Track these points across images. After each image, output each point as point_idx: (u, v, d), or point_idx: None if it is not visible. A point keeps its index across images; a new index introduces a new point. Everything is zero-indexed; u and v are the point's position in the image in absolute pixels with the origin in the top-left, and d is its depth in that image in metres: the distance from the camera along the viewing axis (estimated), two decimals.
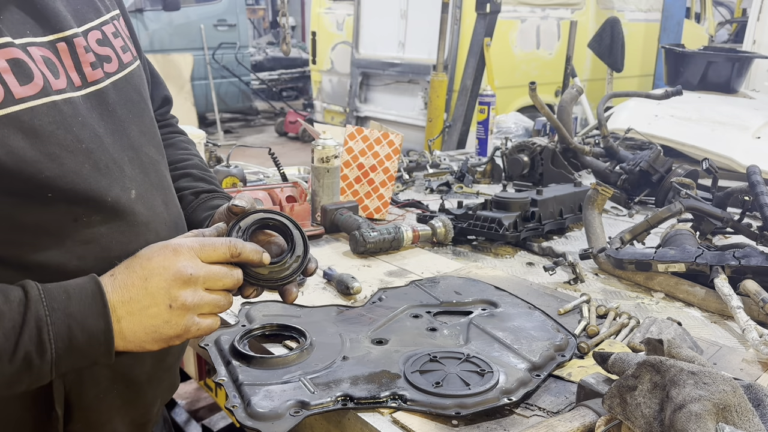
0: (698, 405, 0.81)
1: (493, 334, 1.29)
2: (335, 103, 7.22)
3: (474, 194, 2.50)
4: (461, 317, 1.39)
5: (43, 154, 0.77)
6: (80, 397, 0.88)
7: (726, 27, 9.14)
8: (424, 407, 1.04)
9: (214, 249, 0.82)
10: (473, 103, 4.70)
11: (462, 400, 1.04)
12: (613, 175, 2.41)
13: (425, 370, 1.13)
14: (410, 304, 1.43)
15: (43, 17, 0.83)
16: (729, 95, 3.79)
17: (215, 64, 8.61)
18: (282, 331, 1.27)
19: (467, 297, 1.48)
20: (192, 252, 0.80)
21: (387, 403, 1.05)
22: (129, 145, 0.91)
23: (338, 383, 1.09)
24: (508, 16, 5.61)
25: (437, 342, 1.26)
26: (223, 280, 0.82)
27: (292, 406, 1.01)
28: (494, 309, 1.42)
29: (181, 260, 0.79)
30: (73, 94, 0.84)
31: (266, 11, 13.89)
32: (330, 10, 7.10)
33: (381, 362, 1.16)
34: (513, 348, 1.23)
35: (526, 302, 1.46)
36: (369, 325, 1.32)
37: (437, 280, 1.60)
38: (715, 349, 1.30)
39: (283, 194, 1.97)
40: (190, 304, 0.79)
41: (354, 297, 1.49)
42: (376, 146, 2.12)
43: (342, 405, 1.04)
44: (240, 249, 0.84)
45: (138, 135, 0.94)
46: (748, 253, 1.48)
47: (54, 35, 0.84)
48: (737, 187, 1.98)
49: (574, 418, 0.96)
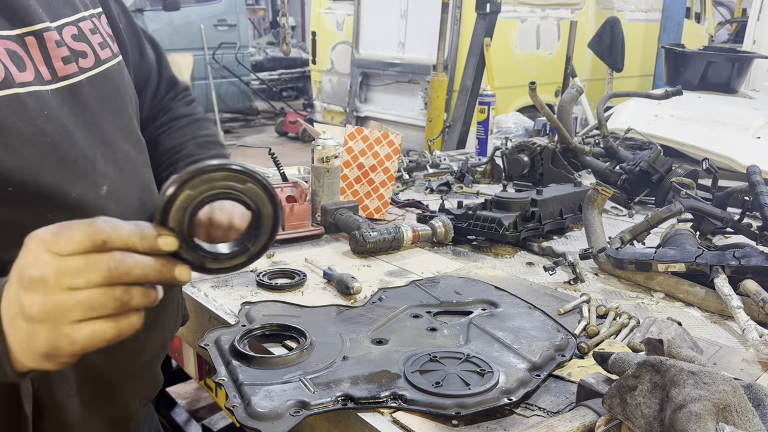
0: (698, 405, 0.81)
1: (493, 334, 1.29)
2: (335, 103, 7.22)
3: (474, 194, 2.50)
4: (461, 317, 1.39)
5: (1, 146, 0.76)
6: (50, 396, 0.86)
7: (726, 27, 9.14)
8: (424, 407, 1.04)
9: (68, 238, 0.61)
10: (473, 103, 4.70)
11: (462, 400, 1.04)
12: (613, 175, 2.41)
13: (425, 370, 1.13)
14: (410, 304, 1.43)
15: (12, 11, 0.83)
16: (729, 95, 3.79)
17: (215, 64, 8.62)
18: (282, 331, 1.27)
19: (467, 297, 1.48)
20: (42, 245, 0.61)
21: (387, 403, 1.05)
22: (102, 140, 0.90)
23: (338, 383, 1.09)
24: (508, 16, 5.61)
25: (437, 342, 1.26)
26: (85, 274, 0.60)
27: (292, 406, 1.01)
28: (494, 309, 1.42)
29: (28, 257, 0.61)
30: (40, 87, 0.83)
31: (266, 11, 13.89)
32: (330, 10, 7.10)
33: (381, 362, 1.16)
34: (513, 348, 1.23)
35: (526, 302, 1.46)
36: (369, 325, 1.32)
37: (437, 280, 1.60)
38: (715, 349, 1.30)
39: (283, 194, 1.97)
40: (42, 313, 0.60)
41: (354, 297, 1.49)
42: (376, 146, 2.12)
43: (342, 405, 1.04)
44: (106, 235, 0.61)
45: (113, 131, 0.93)
46: (748, 253, 1.48)
47: (22, 29, 0.83)
48: (737, 187, 1.98)
49: (574, 418, 0.96)
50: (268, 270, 1.61)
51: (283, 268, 1.64)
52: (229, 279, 1.58)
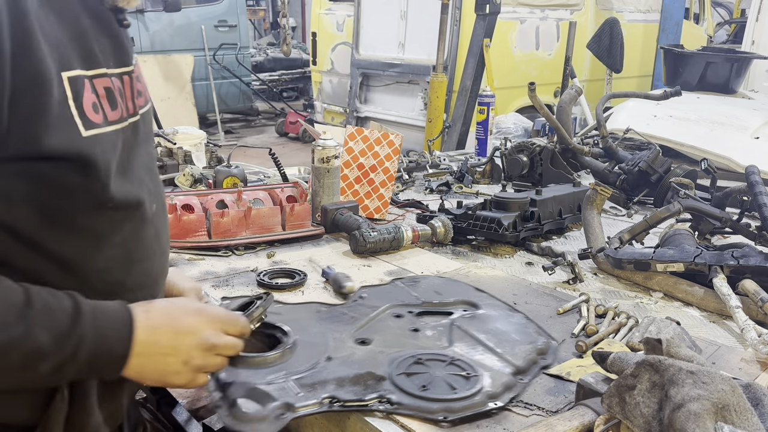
0: (697, 404, 0.81)
1: (475, 336, 1.29)
2: (335, 104, 7.22)
3: (473, 194, 2.50)
4: (443, 317, 1.39)
5: None
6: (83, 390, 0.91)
7: (725, 27, 9.16)
8: (411, 410, 1.03)
9: (234, 325, 0.98)
10: (473, 103, 4.71)
11: (449, 404, 1.04)
12: (612, 176, 2.42)
13: (411, 373, 1.13)
14: (392, 303, 1.43)
15: (120, 50, 0.94)
16: (728, 95, 3.80)
17: (216, 64, 8.61)
18: (264, 328, 1.24)
19: (448, 297, 1.48)
20: (220, 324, 0.96)
21: (374, 406, 1.05)
22: (147, 166, 1.02)
23: (324, 384, 1.08)
24: (508, 17, 5.61)
25: (420, 343, 1.26)
26: (232, 349, 0.97)
27: (277, 408, 1.00)
28: (475, 310, 1.43)
29: (211, 329, 0.94)
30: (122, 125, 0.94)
31: (267, 12, 13.88)
32: (330, 11, 7.10)
33: (366, 363, 1.15)
34: (496, 351, 1.23)
35: (507, 304, 1.47)
36: (351, 324, 1.32)
37: (418, 279, 1.60)
38: (714, 348, 1.31)
39: (284, 194, 1.97)
40: (201, 365, 0.93)
41: (348, 296, 1.49)
42: (376, 146, 2.12)
43: (328, 407, 1.03)
44: (247, 332, 1.02)
45: (150, 158, 1.06)
46: (746, 252, 1.49)
47: (123, 68, 0.95)
48: (736, 187, 1.99)
49: (573, 417, 0.97)
50: (269, 270, 1.62)
51: (283, 267, 1.64)
52: (230, 279, 1.58)
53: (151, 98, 1.14)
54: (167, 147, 2.59)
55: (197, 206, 1.84)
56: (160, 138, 2.61)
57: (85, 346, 0.81)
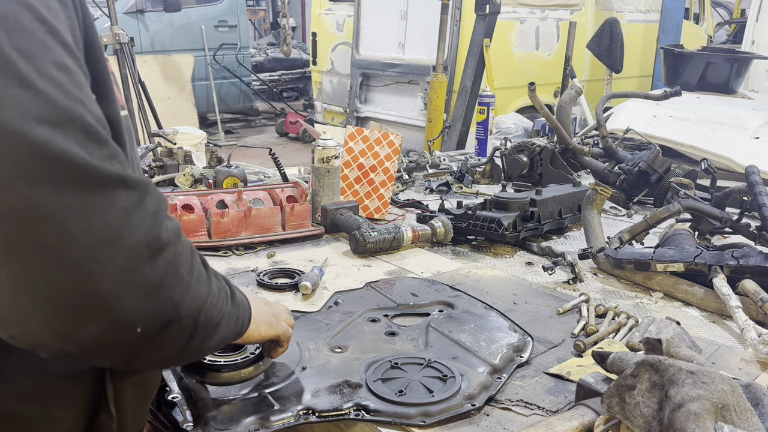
0: (697, 404, 0.81)
1: (451, 336, 1.29)
2: (335, 104, 7.22)
3: (473, 194, 2.50)
4: (419, 319, 1.38)
5: None
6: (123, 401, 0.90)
7: (725, 28, 9.16)
8: (389, 417, 1.02)
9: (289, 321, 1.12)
10: (473, 103, 4.71)
11: (426, 408, 1.03)
12: (612, 176, 2.42)
13: (387, 378, 1.12)
14: (367, 308, 1.42)
15: None
16: (728, 96, 3.79)
17: (216, 64, 8.61)
18: None
19: (424, 299, 1.48)
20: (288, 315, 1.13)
21: (350, 415, 1.03)
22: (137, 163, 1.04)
23: (299, 396, 1.06)
24: (508, 17, 5.61)
25: (397, 347, 1.25)
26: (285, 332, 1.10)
27: (252, 423, 0.98)
28: (451, 310, 1.43)
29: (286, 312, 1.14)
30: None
31: (267, 12, 13.88)
32: (330, 11, 7.10)
33: (342, 371, 1.14)
34: (473, 351, 1.23)
35: (482, 302, 1.47)
36: (326, 332, 1.30)
37: (393, 281, 1.60)
38: (714, 348, 1.31)
39: (284, 194, 1.97)
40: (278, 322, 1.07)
41: (308, 296, 1.50)
42: (376, 147, 2.12)
43: (304, 420, 1.02)
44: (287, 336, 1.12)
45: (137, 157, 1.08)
46: (746, 252, 1.49)
47: None
48: (736, 187, 1.99)
49: (573, 417, 0.97)
50: (269, 270, 1.62)
51: (283, 267, 1.64)
52: (230, 279, 1.58)
53: (152, 98, 1.15)
54: (167, 147, 2.59)
55: (197, 206, 1.84)
56: (160, 138, 2.61)
57: None
